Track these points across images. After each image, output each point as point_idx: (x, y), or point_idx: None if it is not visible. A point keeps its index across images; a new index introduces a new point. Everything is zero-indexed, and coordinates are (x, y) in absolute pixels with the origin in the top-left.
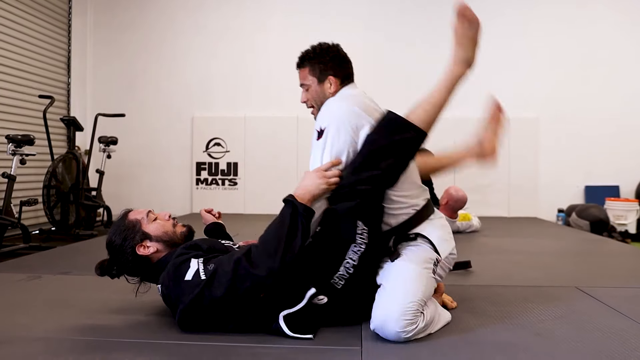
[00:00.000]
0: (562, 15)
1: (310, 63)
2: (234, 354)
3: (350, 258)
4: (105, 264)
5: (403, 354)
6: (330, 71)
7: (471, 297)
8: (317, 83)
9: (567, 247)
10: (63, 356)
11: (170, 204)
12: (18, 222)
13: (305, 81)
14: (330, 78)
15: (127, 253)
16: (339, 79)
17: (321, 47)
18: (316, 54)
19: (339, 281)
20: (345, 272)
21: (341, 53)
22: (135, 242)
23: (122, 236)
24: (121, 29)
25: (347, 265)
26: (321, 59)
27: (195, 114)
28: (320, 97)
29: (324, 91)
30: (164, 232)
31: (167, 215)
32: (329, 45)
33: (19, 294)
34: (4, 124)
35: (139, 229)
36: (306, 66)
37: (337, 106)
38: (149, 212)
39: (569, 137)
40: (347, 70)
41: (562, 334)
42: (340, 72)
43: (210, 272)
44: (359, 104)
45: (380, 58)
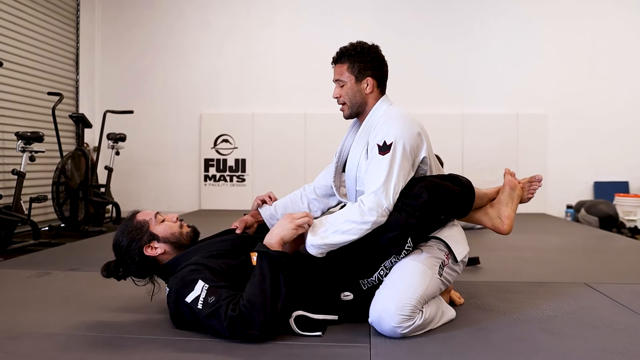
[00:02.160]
0: (570, 11)
1: (350, 60)
2: (242, 349)
3: (386, 267)
4: (111, 265)
5: (411, 350)
6: (369, 71)
7: (480, 293)
8: (355, 82)
9: (576, 243)
10: (72, 352)
11: (179, 201)
12: (28, 219)
13: (342, 77)
14: (368, 79)
15: (135, 254)
16: (377, 80)
17: (362, 45)
18: (357, 51)
19: (367, 284)
20: (376, 279)
21: (380, 55)
22: (143, 243)
23: (130, 237)
24: (129, 26)
25: (382, 273)
26: (361, 58)
27: (203, 110)
28: (356, 97)
29: (360, 91)
30: (171, 233)
31: (175, 217)
32: (369, 46)
33: (29, 290)
34: (14, 121)
35: (147, 230)
36: (345, 62)
37: (403, 125)
38: (157, 213)
39: (578, 133)
40: (384, 74)
41: (570, 330)
42: (378, 73)
43: (209, 307)
44: (419, 125)
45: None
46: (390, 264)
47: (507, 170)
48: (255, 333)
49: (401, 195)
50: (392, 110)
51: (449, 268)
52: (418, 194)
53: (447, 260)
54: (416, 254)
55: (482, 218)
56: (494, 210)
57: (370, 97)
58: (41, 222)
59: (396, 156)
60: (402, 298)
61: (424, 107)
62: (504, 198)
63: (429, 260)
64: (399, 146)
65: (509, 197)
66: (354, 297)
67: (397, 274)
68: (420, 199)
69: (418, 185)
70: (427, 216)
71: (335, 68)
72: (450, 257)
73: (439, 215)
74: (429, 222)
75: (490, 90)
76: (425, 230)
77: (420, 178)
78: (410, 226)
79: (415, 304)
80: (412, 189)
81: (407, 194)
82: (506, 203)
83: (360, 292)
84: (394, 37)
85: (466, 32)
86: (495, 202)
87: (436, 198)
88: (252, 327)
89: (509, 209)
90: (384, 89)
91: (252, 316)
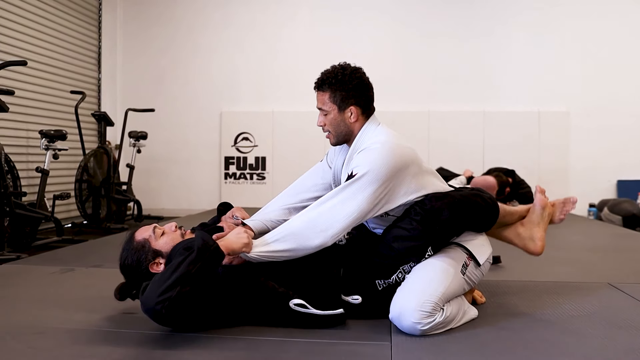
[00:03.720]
0: (592, 8)
1: (332, 89)
2: (262, 345)
3: (405, 270)
4: (123, 287)
5: (432, 348)
6: (352, 100)
7: (501, 292)
8: (337, 111)
9: (599, 242)
10: (98, 347)
11: (199, 198)
12: (51, 216)
13: (324, 106)
14: (351, 108)
15: (143, 274)
16: (361, 108)
17: (344, 71)
18: (338, 79)
19: (384, 284)
20: (393, 281)
21: (364, 79)
22: (148, 262)
23: (134, 258)
24: (150, 24)
25: (399, 276)
26: (343, 86)
27: (224, 108)
28: (340, 126)
29: (344, 120)
30: (174, 244)
31: (173, 226)
32: (352, 70)
33: (53, 286)
34: (38, 119)
35: (149, 248)
36: (326, 91)
37: (377, 155)
38: (155, 227)
39: (601, 131)
40: (369, 98)
41: (594, 331)
42: (362, 100)
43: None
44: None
45: (407, 51)
46: (409, 267)
47: (539, 188)
48: (142, 307)
49: (422, 209)
50: (377, 136)
51: (471, 269)
52: (440, 209)
53: (469, 262)
54: (438, 254)
55: (513, 238)
56: (526, 230)
57: (355, 125)
58: (64, 219)
59: (357, 186)
60: (423, 295)
61: (444, 105)
62: (536, 218)
63: (452, 260)
64: (366, 178)
65: (540, 217)
66: (363, 300)
67: (420, 272)
68: (441, 215)
69: (441, 201)
70: (448, 230)
71: (317, 95)
72: (472, 259)
73: (460, 230)
74: (449, 236)
75: (512, 88)
76: (446, 240)
77: (444, 194)
78: (430, 238)
79: (436, 301)
80: (434, 204)
81: (428, 209)
82: (537, 223)
83: (371, 294)
84: (414, 35)
85: (487, 30)
86: (526, 222)
87: (457, 216)
88: (147, 299)
89: (540, 229)
90: (370, 113)
91: (150, 289)
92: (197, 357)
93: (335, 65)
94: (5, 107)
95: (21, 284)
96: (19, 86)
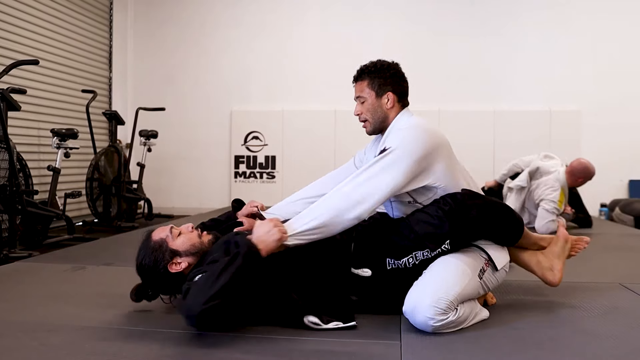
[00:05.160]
0: (604, 7)
1: (370, 77)
2: (272, 344)
3: (417, 257)
4: (140, 288)
5: (442, 348)
6: (389, 87)
7: (512, 291)
8: (375, 97)
9: (611, 242)
10: (108, 344)
11: (209, 197)
12: (63, 214)
13: (362, 94)
14: (388, 94)
15: (161, 274)
16: (397, 95)
17: (382, 63)
18: (377, 68)
19: (392, 264)
20: (403, 264)
21: (400, 71)
22: (166, 262)
23: (152, 258)
24: (160, 23)
25: (410, 261)
26: (381, 74)
27: (234, 107)
28: (377, 112)
29: (381, 106)
30: (191, 245)
31: (190, 226)
32: (389, 63)
33: (65, 284)
34: (49, 118)
35: (167, 248)
36: (365, 79)
37: (413, 134)
38: (172, 228)
39: (612, 130)
40: (405, 89)
41: (605, 331)
42: (398, 88)
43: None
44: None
45: (417, 50)
46: (422, 256)
47: (562, 223)
48: (182, 312)
49: (453, 200)
50: (410, 121)
51: (488, 274)
52: (469, 207)
53: (487, 267)
54: (457, 253)
55: (533, 266)
56: (547, 260)
57: (391, 112)
58: (75, 218)
59: (390, 159)
60: (439, 291)
61: (455, 104)
62: (558, 250)
63: (471, 261)
64: (398, 151)
65: (562, 250)
66: (372, 275)
67: (438, 269)
68: (469, 214)
69: (473, 200)
70: (471, 230)
71: (356, 86)
72: (490, 264)
73: (482, 234)
74: (470, 236)
75: (523, 87)
76: (465, 240)
77: (478, 195)
78: (452, 230)
79: (451, 300)
80: (466, 201)
81: (459, 202)
82: (558, 255)
83: (379, 270)
84: (425, 34)
85: (498, 28)
86: (547, 252)
87: (483, 219)
88: (184, 305)
89: (560, 261)
90: (406, 104)
91: (189, 293)
92: (206, 354)
93: (373, 60)
94: (17, 106)
95: (33, 282)
96: (31, 85)
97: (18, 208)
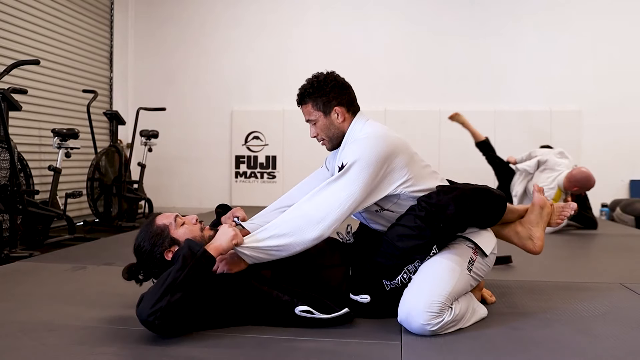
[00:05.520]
0: (604, 7)
1: (312, 98)
2: (272, 344)
3: (409, 271)
4: (132, 268)
5: (443, 348)
6: (334, 102)
7: (512, 292)
8: (324, 116)
9: (611, 242)
10: (108, 345)
11: (210, 197)
12: (64, 214)
13: (311, 117)
14: (335, 109)
15: (156, 259)
16: (344, 107)
17: (317, 79)
18: (314, 87)
19: (390, 285)
20: (399, 282)
21: (339, 80)
22: (164, 248)
23: (151, 242)
24: (161, 23)
25: (405, 277)
26: (321, 92)
27: (234, 107)
28: (331, 129)
29: (332, 122)
30: (192, 237)
31: (194, 218)
32: (325, 76)
33: (65, 284)
34: (50, 118)
35: (167, 235)
36: (308, 102)
37: (366, 144)
38: (177, 216)
39: (613, 130)
40: (350, 96)
41: (605, 331)
42: (344, 99)
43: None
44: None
45: (418, 50)
46: (414, 267)
47: (536, 187)
48: (141, 317)
49: (427, 203)
50: (365, 129)
51: (478, 263)
52: (445, 204)
53: (475, 256)
54: (443, 251)
55: (512, 237)
56: (524, 230)
57: (344, 125)
58: (76, 217)
59: (348, 176)
60: (430, 295)
61: (455, 104)
62: (534, 218)
63: (457, 257)
64: (356, 166)
65: (539, 217)
66: (372, 300)
67: (425, 272)
68: (447, 210)
69: (447, 195)
70: (453, 227)
71: (302, 109)
72: (479, 251)
73: (465, 226)
74: (454, 231)
75: (523, 86)
76: (451, 236)
77: (451, 187)
78: (435, 236)
79: (443, 301)
80: (440, 199)
81: (434, 202)
82: (536, 223)
83: (380, 294)
84: (426, 34)
85: (499, 28)
86: (524, 221)
87: (463, 210)
88: (141, 312)
89: (539, 229)
90: (356, 110)
91: (144, 300)
92: (207, 355)
93: (308, 78)
94: (18, 106)
95: (33, 282)
96: (31, 85)
97: (19, 208)
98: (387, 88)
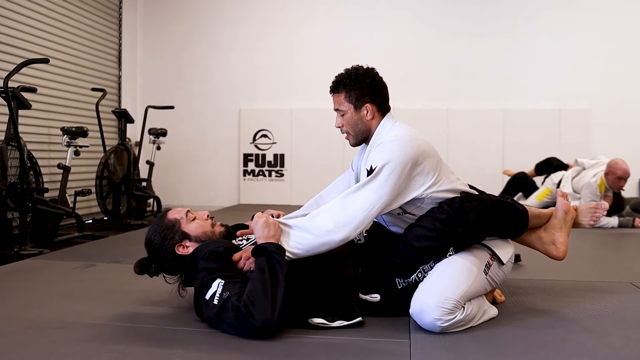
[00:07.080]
0: (612, 5)
1: (346, 89)
2: (280, 344)
3: (424, 270)
4: (144, 262)
5: (451, 347)
6: (367, 97)
7: (521, 291)
8: (354, 110)
9: (621, 241)
10: (116, 342)
11: (218, 195)
12: (73, 212)
13: (341, 107)
14: (367, 105)
15: (167, 253)
16: (376, 105)
17: (357, 72)
18: (352, 79)
19: (403, 283)
20: (413, 280)
21: (377, 78)
22: (175, 242)
23: (162, 236)
24: (169, 21)
25: (419, 276)
26: (357, 85)
27: (242, 105)
28: (358, 125)
29: (361, 118)
30: (203, 232)
31: (206, 214)
32: (364, 70)
33: (75, 282)
34: (59, 116)
35: (178, 229)
36: (341, 92)
37: (395, 147)
38: (188, 211)
39: (622, 128)
40: (384, 96)
41: (615, 331)
42: (377, 98)
43: (222, 301)
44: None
45: (426, 49)
46: (429, 267)
47: (560, 192)
48: (257, 324)
49: (450, 207)
50: (394, 131)
51: (494, 269)
52: (468, 211)
53: (492, 261)
54: (461, 252)
55: (534, 242)
56: (548, 235)
57: (372, 123)
58: (85, 215)
59: (378, 180)
60: (445, 292)
61: (463, 103)
62: (558, 222)
63: (475, 259)
64: (385, 170)
65: (563, 222)
66: (382, 299)
67: (443, 269)
68: (468, 217)
69: (472, 203)
70: (472, 234)
71: (334, 97)
72: (495, 259)
73: (484, 235)
74: (473, 239)
75: (532, 85)
76: (467, 243)
77: (476, 196)
78: (452, 239)
79: (458, 299)
80: (464, 205)
81: (457, 207)
82: (560, 228)
83: (391, 292)
84: (433, 32)
85: (507, 27)
86: (548, 227)
87: (484, 220)
88: (254, 316)
89: (563, 234)
90: (386, 110)
91: (254, 305)
92: (215, 351)
93: (348, 68)
94: (28, 105)
95: (43, 279)
96: (41, 84)
97: (28, 206)
98: (394, 87)
